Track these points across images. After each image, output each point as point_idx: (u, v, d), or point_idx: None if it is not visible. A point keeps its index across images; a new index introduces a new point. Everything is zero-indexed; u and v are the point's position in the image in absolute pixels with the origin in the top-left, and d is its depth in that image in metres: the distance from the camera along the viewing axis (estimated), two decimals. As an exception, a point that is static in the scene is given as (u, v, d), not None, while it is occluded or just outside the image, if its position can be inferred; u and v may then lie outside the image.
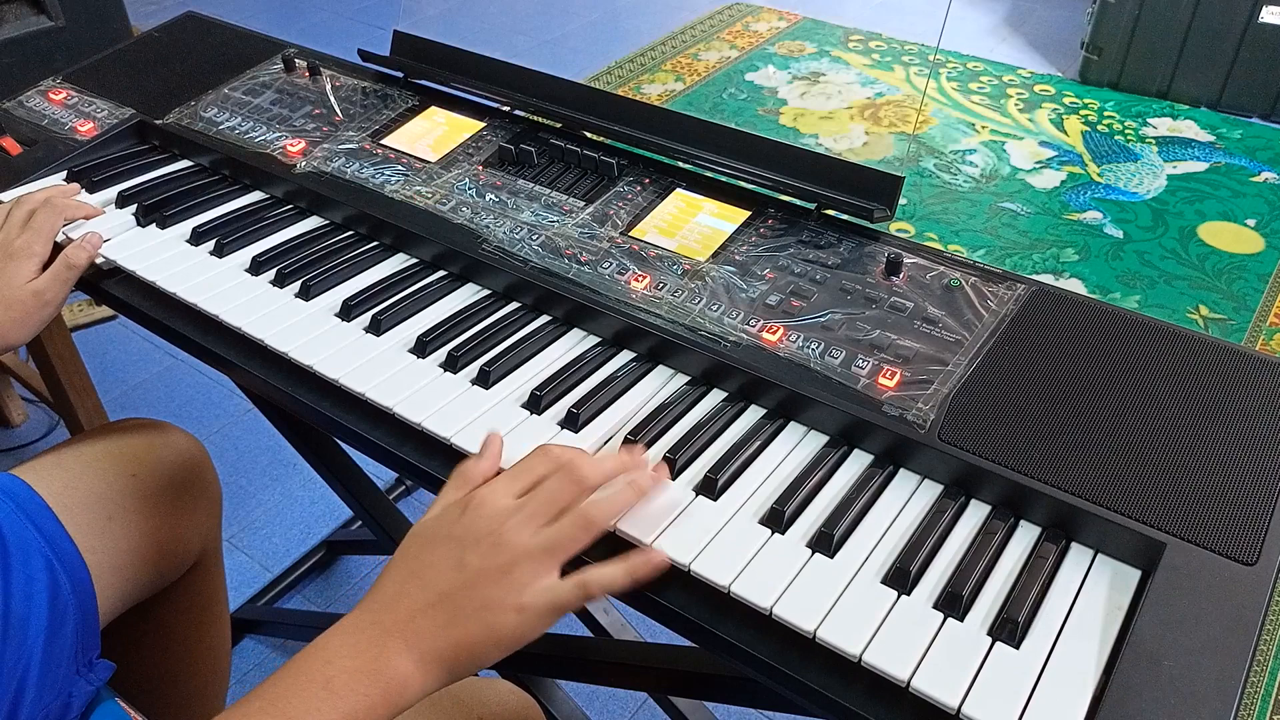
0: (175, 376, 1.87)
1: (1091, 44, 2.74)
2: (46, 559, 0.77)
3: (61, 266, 0.82)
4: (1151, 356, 0.65)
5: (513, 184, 0.88)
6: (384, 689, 0.52)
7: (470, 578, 0.54)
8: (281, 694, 0.51)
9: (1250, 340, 1.91)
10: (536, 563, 0.55)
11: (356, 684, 0.51)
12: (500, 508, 0.56)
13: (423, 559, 0.56)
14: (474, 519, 0.56)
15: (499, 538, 0.55)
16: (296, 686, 0.51)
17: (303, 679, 0.51)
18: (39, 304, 0.81)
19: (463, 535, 0.56)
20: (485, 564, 0.54)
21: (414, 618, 0.54)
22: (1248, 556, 0.54)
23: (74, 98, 1.06)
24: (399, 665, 0.52)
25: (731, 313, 0.72)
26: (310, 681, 0.51)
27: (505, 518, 0.56)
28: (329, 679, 0.51)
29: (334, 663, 0.52)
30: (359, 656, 0.52)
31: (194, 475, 0.95)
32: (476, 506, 0.57)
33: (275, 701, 0.50)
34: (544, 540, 0.55)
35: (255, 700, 0.51)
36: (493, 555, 0.55)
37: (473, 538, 0.55)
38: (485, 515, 0.56)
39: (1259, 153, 2.48)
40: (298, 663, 0.52)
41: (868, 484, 0.62)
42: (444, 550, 0.56)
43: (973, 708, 0.49)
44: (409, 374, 0.72)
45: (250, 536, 1.56)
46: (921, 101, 2.73)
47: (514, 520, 0.56)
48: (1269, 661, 1.35)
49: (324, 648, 0.53)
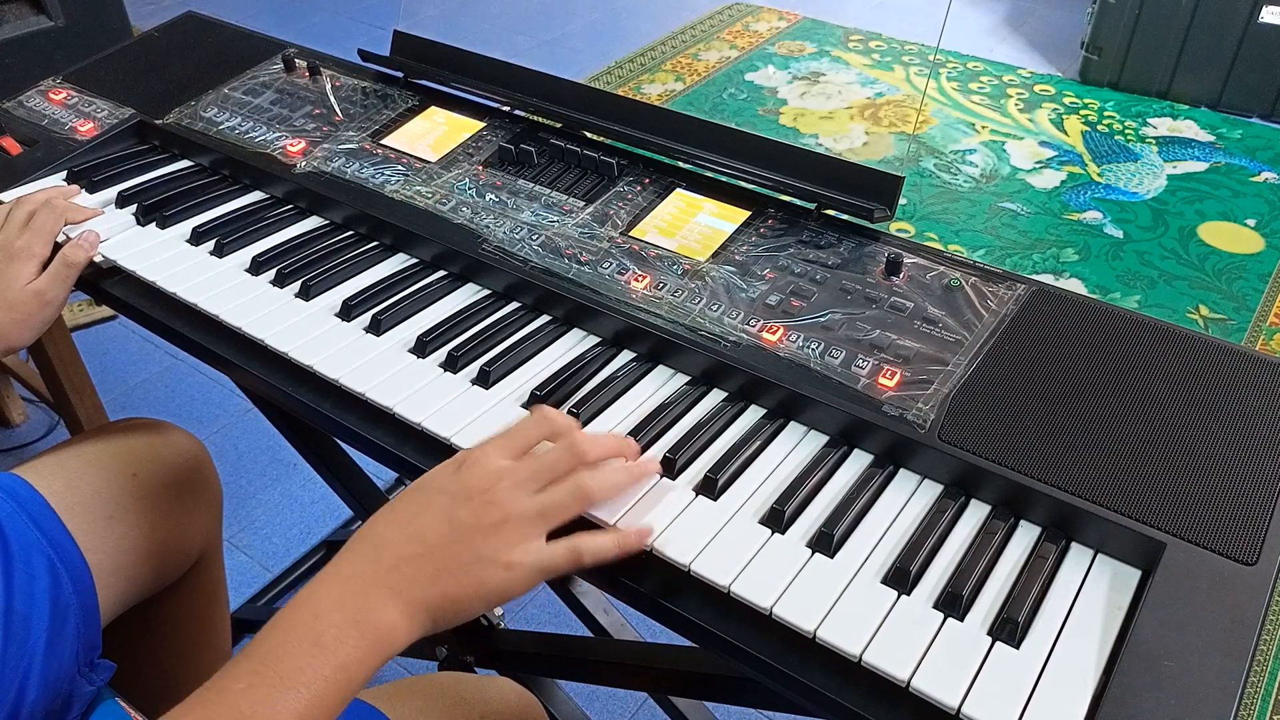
0: (175, 376, 1.87)
1: (1091, 44, 2.74)
2: (48, 558, 0.78)
3: (60, 266, 0.82)
4: (1151, 356, 0.65)
5: (513, 184, 0.88)
6: (373, 639, 0.52)
7: (460, 532, 0.55)
8: (270, 653, 0.51)
9: (1250, 340, 1.91)
10: (528, 523, 0.55)
11: (345, 636, 0.51)
12: (495, 467, 0.57)
13: (411, 511, 0.56)
14: (467, 476, 0.57)
15: (492, 495, 0.56)
16: (285, 644, 0.51)
17: (291, 636, 0.51)
18: (40, 304, 0.81)
19: (456, 491, 0.56)
20: (476, 520, 0.55)
21: (399, 566, 0.54)
22: (1248, 556, 0.54)
23: (74, 98, 1.06)
24: (386, 615, 0.52)
25: (731, 313, 0.72)
26: (299, 638, 0.51)
27: (499, 477, 0.56)
28: (318, 634, 0.51)
29: (322, 616, 0.52)
30: (345, 609, 0.52)
31: (194, 475, 0.95)
32: (471, 464, 0.57)
33: (265, 661, 0.50)
34: (537, 504, 0.56)
35: (244, 661, 0.51)
36: (484, 512, 0.55)
37: (465, 494, 0.56)
38: (478, 474, 0.57)
39: (1259, 153, 2.48)
40: (284, 618, 0.52)
41: (868, 484, 0.62)
42: (435, 503, 0.56)
43: (973, 708, 0.49)
44: (409, 374, 0.72)
45: (250, 536, 1.56)
46: (921, 101, 2.73)
47: (508, 480, 0.56)
48: (1269, 661, 1.35)
49: (310, 601, 0.53)
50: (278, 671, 0.50)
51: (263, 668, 0.50)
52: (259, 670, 0.50)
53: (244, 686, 0.49)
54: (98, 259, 0.85)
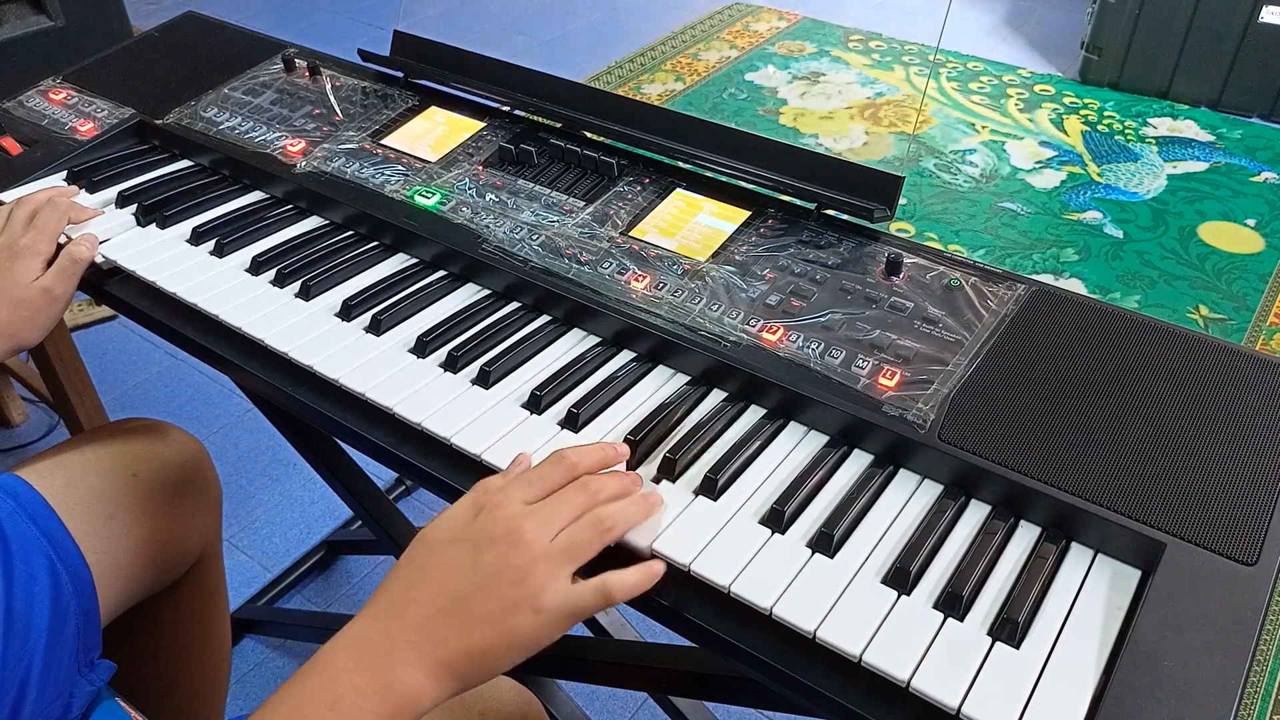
0: (175, 376, 1.87)
1: (1091, 44, 2.74)
2: (48, 558, 0.78)
3: (66, 262, 0.82)
4: (1151, 356, 0.65)
5: (513, 184, 0.88)
6: (394, 704, 0.50)
7: (485, 579, 0.52)
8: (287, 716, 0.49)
9: (1250, 340, 1.91)
10: (554, 565, 0.54)
11: (365, 701, 0.49)
12: (516, 510, 0.55)
13: (432, 562, 0.54)
14: (488, 521, 0.55)
15: (516, 538, 0.54)
16: (302, 708, 0.49)
17: (307, 699, 0.50)
18: (48, 301, 0.81)
19: (477, 537, 0.54)
20: (502, 565, 0.53)
21: (424, 625, 0.52)
22: (1248, 556, 0.54)
23: (74, 98, 1.06)
24: (409, 677, 0.50)
25: (731, 313, 0.72)
26: (316, 702, 0.49)
27: (523, 519, 0.55)
28: (336, 699, 0.49)
29: (341, 680, 0.50)
30: (366, 671, 0.50)
31: (194, 475, 0.95)
32: (491, 509, 0.55)
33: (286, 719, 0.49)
34: (562, 542, 0.54)
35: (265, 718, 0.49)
36: (509, 556, 0.53)
37: (488, 539, 0.54)
38: (501, 517, 0.55)
39: (1259, 153, 2.48)
40: (302, 680, 0.50)
41: (868, 484, 0.62)
42: (456, 552, 0.54)
43: (973, 708, 0.49)
44: (409, 374, 0.72)
45: (250, 536, 1.56)
46: (921, 101, 2.73)
47: (531, 522, 0.55)
48: (1269, 661, 1.35)
49: (329, 664, 0.51)
50: None
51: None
52: None
53: None
54: (98, 259, 0.85)
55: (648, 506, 0.59)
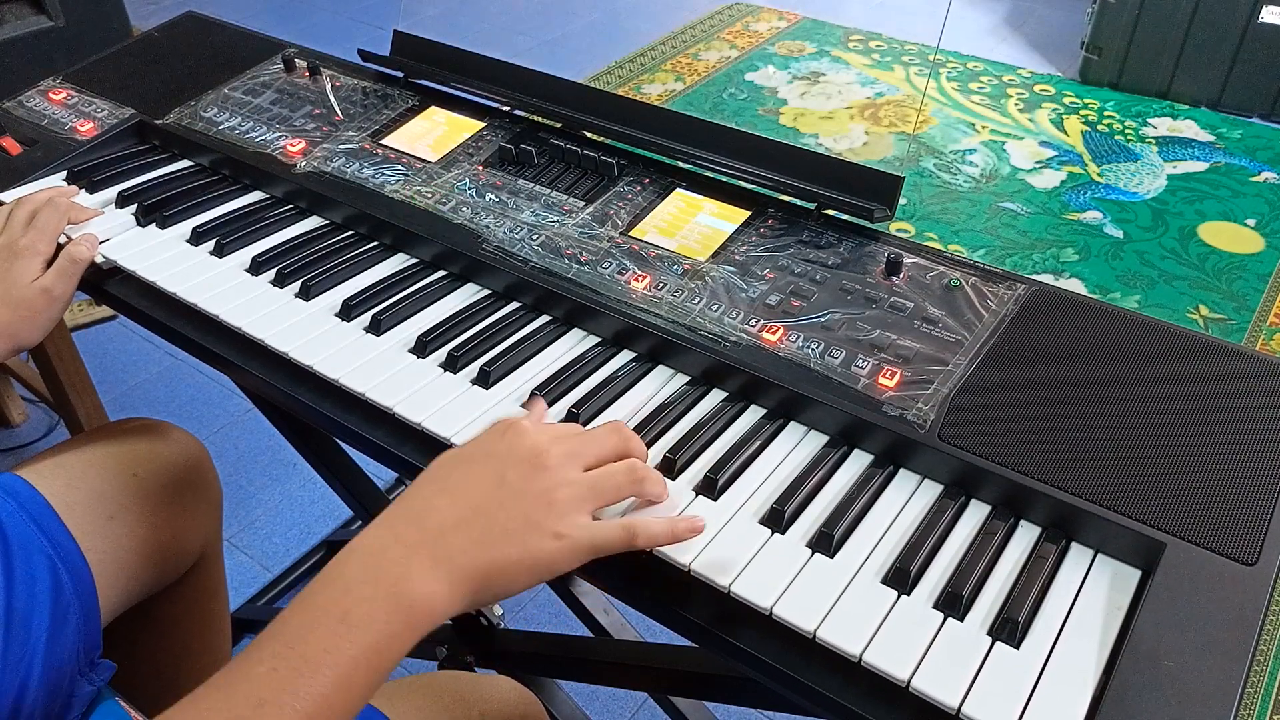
0: (175, 376, 1.87)
1: (1091, 44, 2.74)
2: (48, 558, 0.78)
3: (66, 262, 0.82)
4: (1151, 356, 0.65)
5: (513, 184, 0.88)
6: (408, 614, 0.48)
7: (510, 494, 0.52)
8: (295, 632, 0.47)
9: (1250, 340, 1.91)
10: (579, 496, 0.53)
11: (377, 612, 0.48)
12: (544, 436, 0.55)
13: (455, 474, 0.53)
14: (516, 440, 0.54)
15: (542, 460, 0.53)
16: (311, 621, 0.48)
17: (318, 612, 0.48)
18: (48, 301, 0.81)
19: (504, 454, 0.54)
20: (526, 484, 0.52)
21: (444, 533, 0.50)
22: (1248, 556, 0.54)
23: (74, 98, 1.06)
24: (425, 585, 0.49)
25: (731, 313, 0.72)
26: (326, 615, 0.48)
27: (549, 444, 0.54)
28: (346, 611, 0.48)
29: (351, 591, 0.48)
30: (379, 581, 0.49)
31: (195, 475, 0.95)
32: (519, 432, 0.55)
33: (289, 642, 0.47)
34: (588, 478, 0.54)
35: (268, 642, 0.47)
36: (535, 477, 0.53)
37: (514, 457, 0.53)
38: (528, 442, 0.54)
39: (1259, 153, 2.48)
40: (312, 592, 0.49)
41: (868, 484, 0.62)
42: (481, 466, 0.53)
43: (973, 708, 0.49)
44: (409, 374, 0.72)
45: (250, 536, 1.56)
46: (921, 101, 2.73)
47: (559, 449, 0.54)
48: (1269, 661, 1.35)
49: (340, 574, 0.49)
50: (301, 653, 0.46)
51: (286, 649, 0.47)
52: (282, 652, 0.47)
53: (265, 670, 0.46)
54: (98, 259, 0.85)
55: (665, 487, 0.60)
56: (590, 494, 0.54)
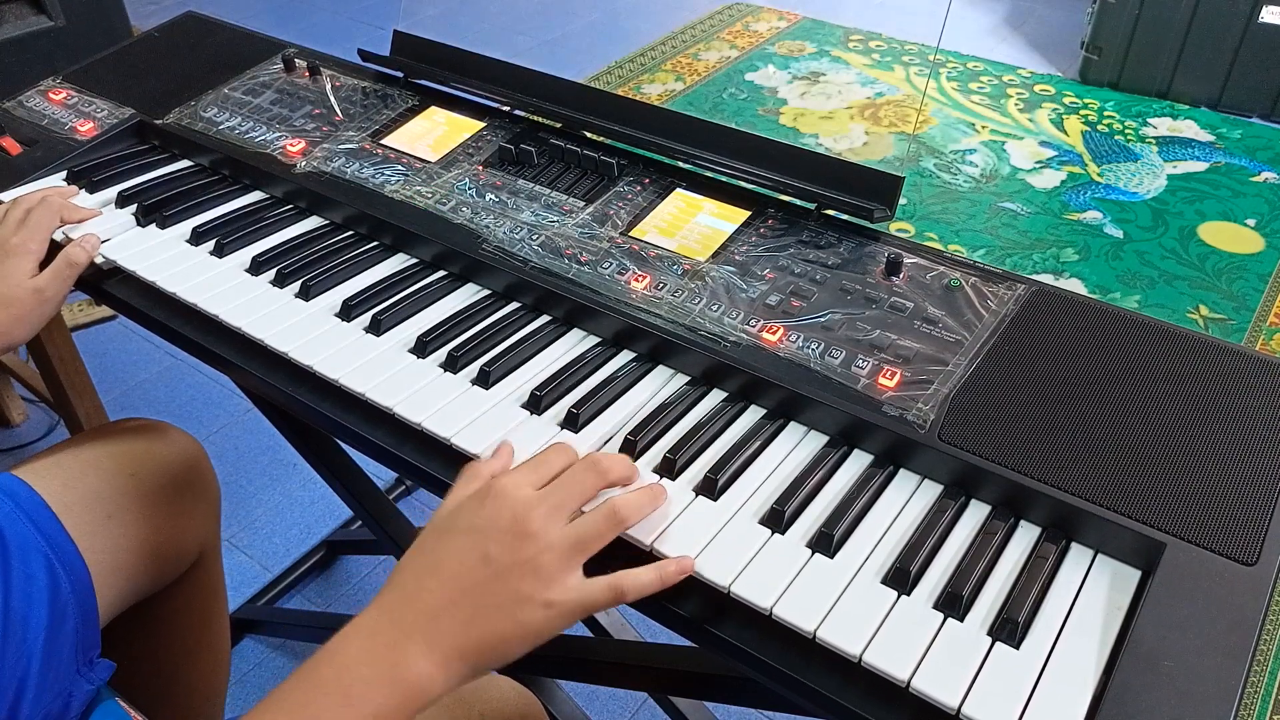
0: (175, 376, 1.87)
1: (1091, 44, 2.74)
2: (46, 558, 0.77)
3: (62, 264, 0.82)
4: (1151, 356, 0.65)
5: (513, 184, 0.88)
6: (404, 693, 0.50)
7: (496, 571, 0.52)
8: (298, 703, 0.49)
9: (1250, 340, 1.91)
10: (564, 557, 0.53)
11: (374, 691, 0.49)
12: (523, 497, 0.55)
13: (442, 552, 0.54)
14: (496, 509, 0.54)
15: (524, 528, 0.53)
16: (313, 696, 0.49)
17: (319, 688, 0.50)
18: (39, 301, 0.81)
19: (485, 526, 0.54)
20: (511, 557, 0.52)
21: (436, 616, 0.52)
22: (1248, 556, 0.54)
23: (74, 98, 1.06)
24: (419, 667, 0.50)
25: (731, 313, 0.72)
26: (326, 692, 0.49)
27: (529, 507, 0.54)
28: (346, 688, 0.49)
29: (350, 669, 0.50)
30: (376, 662, 0.50)
31: (193, 475, 0.95)
32: (498, 496, 0.55)
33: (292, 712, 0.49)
34: (571, 534, 0.54)
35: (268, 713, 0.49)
36: (519, 548, 0.53)
37: (496, 529, 0.53)
38: (508, 506, 0.54)
39: (1259, 153, 2.48)
40: (313, 668, 0.50)
41: (868, 484, 0.62)
42: (465, 542, 0.54)
43: (973, 708, 0.49)
44: (409, 374, 0.72)
45: (250, 536, 1.56)
46: (921, 101, 2.73)
47: (539, 510, 0.54)
48: (1269, 661, 1.35)
49: (340, 652, 0.51)
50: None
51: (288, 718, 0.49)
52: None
53: None
54: (98, 260, 0.85)
55: (654, 497, 0.59)
56: (575, 551, 0.54)
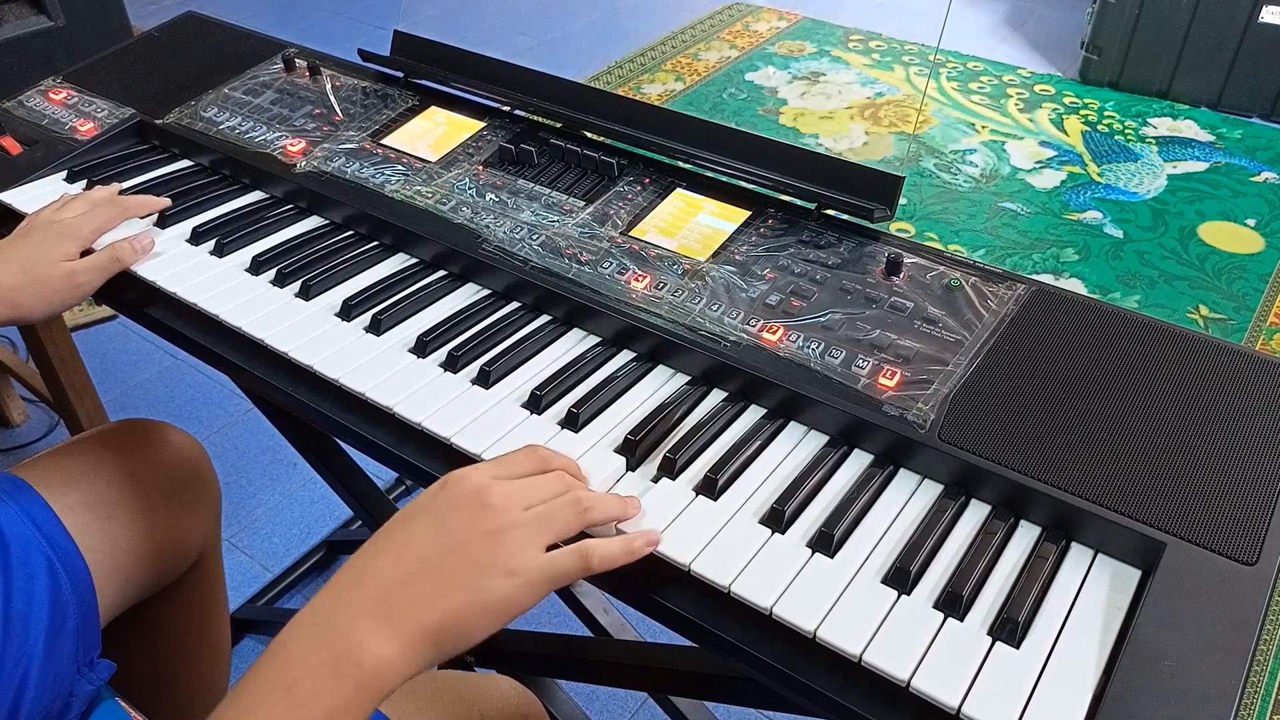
0: (175, 376, 1.87)
1: (1091, 44, 2.74)
2: (47, 558, 0.78)
3: (107, 258, 0.81)
4: (1151, 356, 0.65)
5: (513, 184, 0.88)
6: (357, 682, 0.46)
7: (454, 541, 0.50)
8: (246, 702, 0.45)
9: (1250, 340, 1.91)
10: (528, 531, 0.51)
11: (323, 684, 0.45)
12: (483, 478, 0.53)
13: (397, 533, 0.51)
14: (456, 488, 0.52)
15: (485, 499, 0.51)
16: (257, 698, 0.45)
17: (262, 688, 0.46)
18: (70, 285, 0.79)
19: (445, 503, 0.52)
20: (471, 526, 0.50)
21: (389, 592, 0.48)
22: (1248, 556, 0.54)
23: (74, 98, 1.06)
24: (373, 649, 0.46)
25: (731, 312, 0.72)
26: (270, 690, 0.45)
27: (489, 487, 0.52)
28: (291, 684, 0.45)
29: (295, 662, 0.46)
30: (323, 649, 0.46)
31: (193, 475, 0.95)
32: (457, 481, 0.53)
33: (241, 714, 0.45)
34: (535, 513, 0.52)
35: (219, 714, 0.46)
36: (479, 518, 0.51)
37: (455, 504, 0.51)
38: (467, 484, 0.52)
39: (1259, 153, 2.48)
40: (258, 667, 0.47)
41: (868, 484, 0.62)
42: (421, 520, 0.51)
43: (973, 707, 0.49)
44: (409, 374, 0.72)
45: (250, 536, 1.56)
46: (921, 101, 2.73)
47: (500, 490, 0.52)
48: (1269, 661, 1.35)
49: (284, 646, 0.47)
50: None
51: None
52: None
53: None
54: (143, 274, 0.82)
55: (625, 506, 0.58)
56: (538, 528, 0.52)
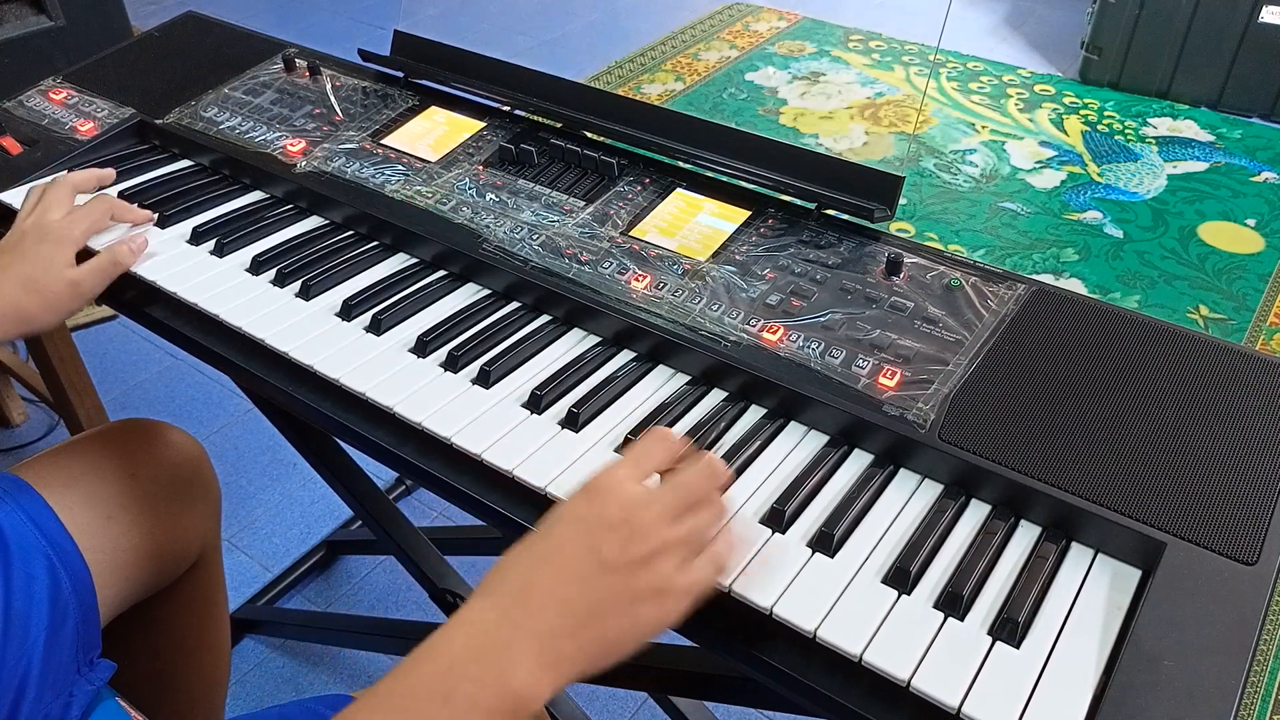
0: (175, 376, 1.87)
1: (1091, 44, 2.74)
2: (47, 558, 0.78)
3: (106, 262, 0.79)
4: (1151, 356, 0.65)
5: (513, 184, 0.88)
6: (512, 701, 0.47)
7: (608, 568, 0.50)
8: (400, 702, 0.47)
9: (1250, 340, 1.91)
10: (676, 555, 0.52)
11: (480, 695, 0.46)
12: (631, 494, 0.52)
13: (550, 543, 0.52)
14: (604, 506, 0.52)
15: (635, 525, 0.51)
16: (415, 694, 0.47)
17: (421, 687, 0.47)
18: (73, 294, 0.78)
19: (594, 523, 0.52)
20: (623, 553, 0.50)
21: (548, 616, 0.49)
22: (1248, 556, 0.54)
23: (74, 97, 1.06)
24: (528, 675, 0.48)
25: (732, 312, 0.72)
26: (430, 691, 0.47)
27: (638, 505, 0.52)
28: (449, 691, 0.47)
29: (455, 669, 0.47)
30: (483, 661, 0.48)
31: (193, 475, 0.95)
32: (604, 493, 0.53)
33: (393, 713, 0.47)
34: (681, 533, 0.52)
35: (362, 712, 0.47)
36: (631, 544, 0.51)
37: (605, 525, 0.51)
38: (614, 502, 0.52)
39: (1259, 153, 2.48)
40: (415, 665, 0.48)
41: (868, 484, 0.62)
42: (572, 533, 0.52)
43: (973, 707, 0.49)
44: (409, 374, 0.72)
45: (250, 536, 1.56)
46: (921, 101, 2.73)
47: (652, 508, 0.52)
48: (1269, 661, 1.35)
49: (445, 650, 0.48)
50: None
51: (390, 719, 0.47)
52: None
53: None
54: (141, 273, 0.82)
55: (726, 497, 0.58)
56: (686, 549, 0.52)
